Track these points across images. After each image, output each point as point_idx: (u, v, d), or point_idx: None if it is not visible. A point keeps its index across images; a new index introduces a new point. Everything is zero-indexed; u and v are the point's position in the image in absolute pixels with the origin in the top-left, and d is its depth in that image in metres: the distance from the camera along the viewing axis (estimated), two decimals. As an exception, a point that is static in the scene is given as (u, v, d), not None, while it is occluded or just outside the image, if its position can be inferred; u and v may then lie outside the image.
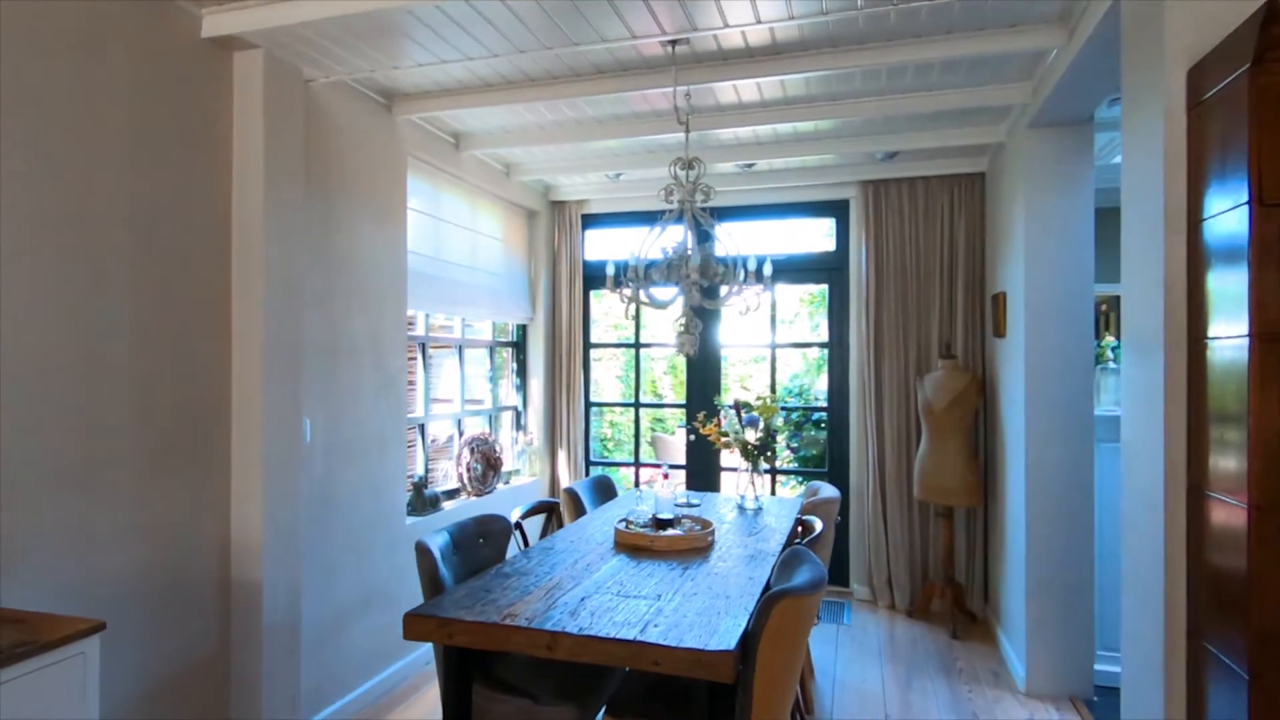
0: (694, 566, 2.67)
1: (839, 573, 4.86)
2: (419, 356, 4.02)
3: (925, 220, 4.57)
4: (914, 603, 4.52)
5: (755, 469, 3.75)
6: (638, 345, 5.40)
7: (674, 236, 3.07)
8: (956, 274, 4.49)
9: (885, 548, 4.59)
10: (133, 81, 2.31)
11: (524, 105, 3.43)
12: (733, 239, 3.17)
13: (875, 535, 4.59)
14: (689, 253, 2.97)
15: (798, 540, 2.74)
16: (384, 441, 3.42)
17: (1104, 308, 4.22)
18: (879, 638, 4.12)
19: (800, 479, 5.96)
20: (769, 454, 3.74)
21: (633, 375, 5.71)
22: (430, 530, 2.82)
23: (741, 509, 3.71)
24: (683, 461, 5.26)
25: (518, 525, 2.97)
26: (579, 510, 3.62)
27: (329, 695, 3.06)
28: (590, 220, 5.30)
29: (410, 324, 4.01)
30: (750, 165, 4.58)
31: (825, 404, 5.00)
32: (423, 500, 3.78)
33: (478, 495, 4.29)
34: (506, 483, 4.81)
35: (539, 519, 3.37)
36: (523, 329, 5.19)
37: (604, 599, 2.27)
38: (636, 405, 5.36)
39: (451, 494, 4.24)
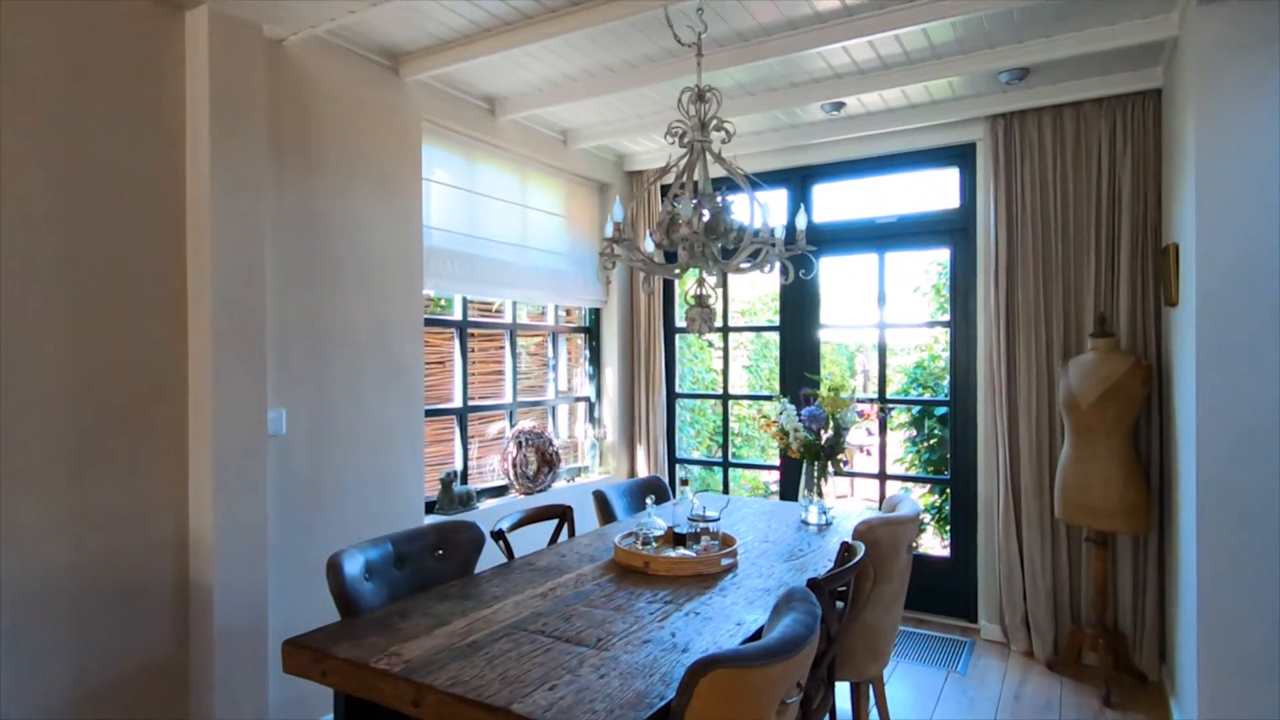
0: (683, 600, 2.10)
1: (963, 604, 3.95)
2: (456, 342, 3.74)
3: (1075, 159, 3.52)
4: (1058, 651, 3.52)
5: (821, 474, 3.04)
6: (726, 329, 4.78)
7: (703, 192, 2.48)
8: (1119, 225, 3.41)
9: (1021, 579, 3.62)
10: (66, 44, 2.17)
11: (546, 46, 2.99)
12: (761, 199, 2.51)
13: (1008, 562, 3.64)
14: (697, 206, 2.37)
15: (820, 574, 2.05)
16: (392, 434, 3.15)
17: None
18: (1000, 695, 3.22)
19: (934, 487, 5.01)
20: (836, 457, 3.01)
21: (754, 361, 5.08)
22: None
23: (805, 523, 3.03)
24: (777, 462, 4.57)
25: (499, 535, 2.55)
26: (608, 516, 3.14)
27: (314, 709, 2.84)
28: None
29: (442, 308, 3.73)
30: (839, 106, 3.80)
31: (947, 396, 4.08)
32: (451, 498, 3.48)
33: (526, 493, 3.94)
34: (572, 479, 4.42)
35: (545, 526, 2.93)
36: (595, 313, 4.77)
37: (529, 640, 1.78)
38: (725, 397, 4.74)
39: (499, 491, 3.93)
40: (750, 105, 3.74)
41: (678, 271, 2.51)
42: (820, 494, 3.05)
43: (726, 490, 4.78)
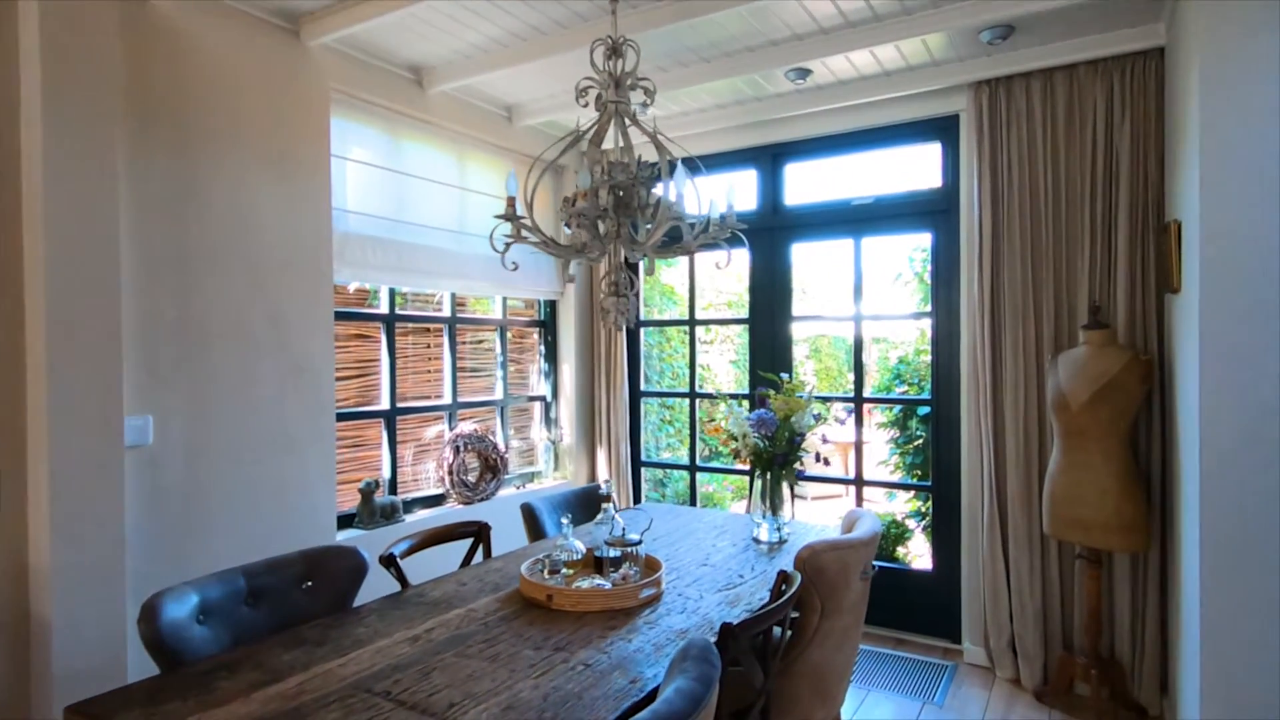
0: (580, 645, 1.75)
1: (946, 623, 3.59)
2: (383, 337, 3.40)
3: (1067, 129, 3.13)
4: (1048, 680, 3.16)
5: (775, 485, 2.69)
6: (692, 322, 4.42)
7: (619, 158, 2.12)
8: (1116, 203, 3.03)
9: (1007, 598, 3.26)
10: None
11: (464, 4, 2.65)
12: (690, 174, 2.16)
13: (993, 579, 3.28)
14: (606, 179, 2.01)
15: (740, 616, 1.69)
16: (295, 440, 2.82)
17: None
18: (980, 732, 2.87)
19: (918, 494, 4.63)
20: (789, 467, 2.65)
21: (740, 355, 4.73)
22: (383, 545, 2.19)
23: (755, 541, 2.68)
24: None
25: (390, 561, 2.21)
26: (537, 532, 2.80)
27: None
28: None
29: (364, 299, 3.39)
30: (805, 73, 3.42)
31: (929, 395, 3.71)
32: (372, 510, 3.15)
33: (466, 503, 3.60)
34: (522, 486, 4.08)
35: (461, 546, 2.59)
36: (551, 306, 4.42)
37: (365, 707, 1.44)
38: (692, 395, 4.39)
39: (436, 500, 3.59)
40: (706, 73, 3.37)
41: (594, 256, 2.16)
42: (775, 508, 2.70)
43: (693, 497, 4.43)
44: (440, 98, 3.49)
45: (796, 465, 2.70)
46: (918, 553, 4.75)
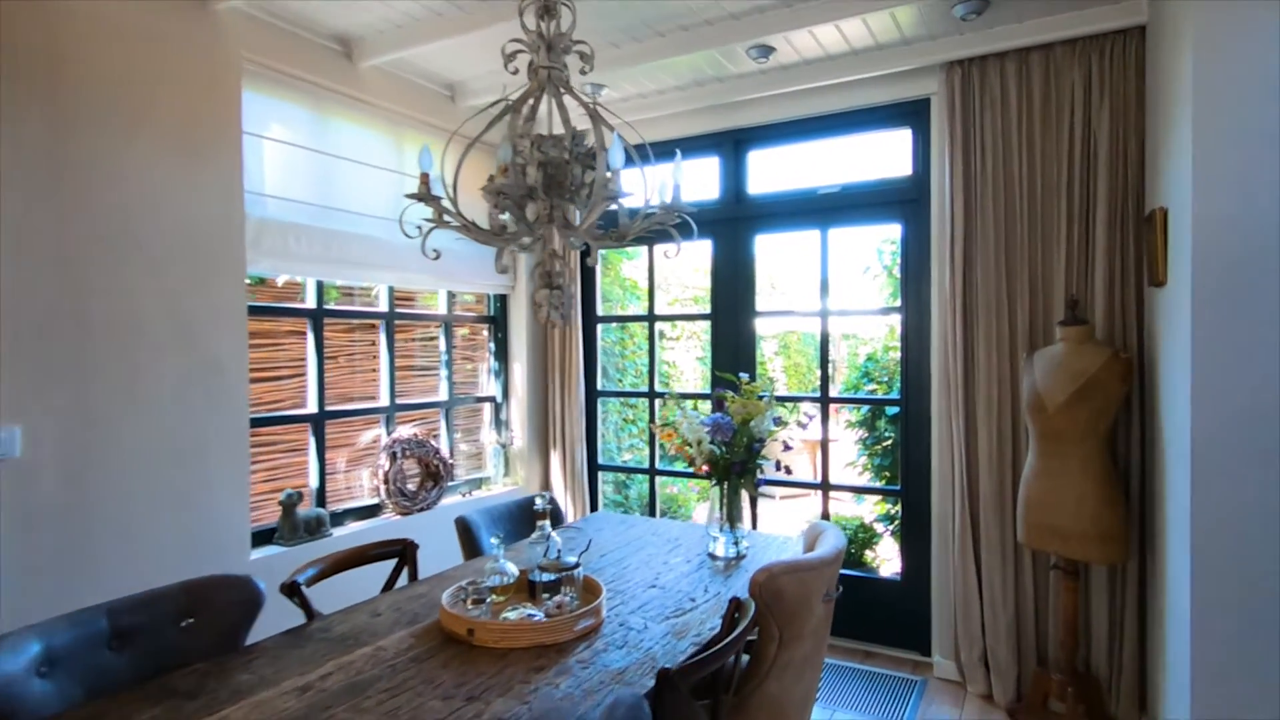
0: (497, 694, 1.51)
1: (915, 635, 3.41)
2: (310, 334, 3.11)
3: (1044, 113, 2.95)
4: (1021, 696, 2.99)
5: (732, 495, 2.47)
6: (651, 318, 4.19)
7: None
8: (1094, 190, 2.85)
9: (979, 609, 3.08)
10: None
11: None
12: (641, 162, 1.93)
13: (965, 589, 3.10)
14: (535, 154, 1.76)
15: (687, 650, 1.47)
16: (200, 449, 2.53)
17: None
18: (952, 756, 2.68)
19: (886, 497, 4.46)
20: (748, 475, 2.43)
21: (708, 351, 4.49)
22: (295, 565, 1.90)
23: (711, 557, 2.46)
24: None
25: (293, 590, 1.95)
26: (472, 549, 2.55)
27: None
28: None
29: (297, 293, 3.10)
30: (768, 51, 3.20)
31: (899, 394, 3.53)
32: (294, 524, 2.87)
33: (404, 513, 3.34)
34: (469, 493, 3.82)
35: (383, 568, 2.32)
36: (502, 300, 4.16)
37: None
38: (651, 395, 4.15)
39: (371, 511, 3.32)
40: (662, 49, 3.13)
41: (526, 242, 1.91)
42: (733, 520, 2.48)
43: (653, 503, 4.20)
44: (373, 73, 3.20)
45: (758, 472, 2.48)
46: (886, 556, 4.59)
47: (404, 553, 2.29)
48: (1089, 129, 2.86)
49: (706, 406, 3.62)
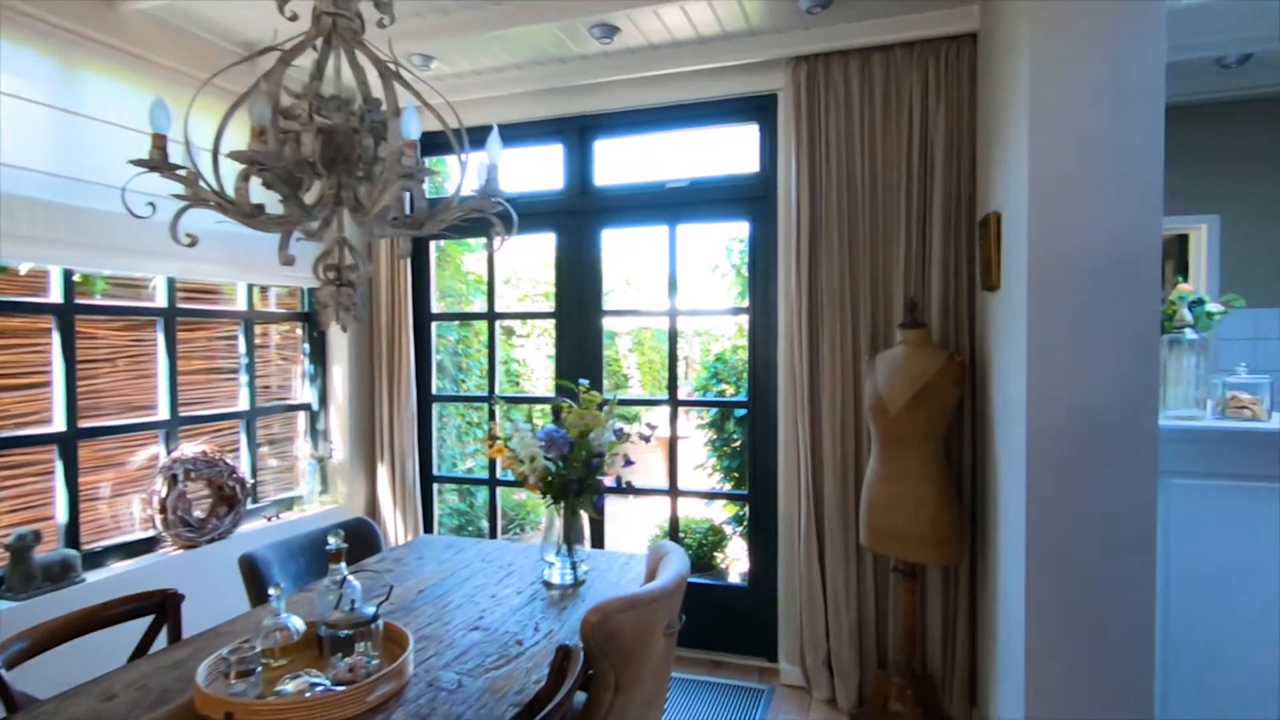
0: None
1: (762, 641, 3.34)
2: (55, 334, 2.54)
3: (885, 114, 2.94)
4: (863, 699, 2.99)
5: (570, 516, 2.23)
6: (491, 315, 3.87)
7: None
8: (931, 193, 2.87)
9: (824, 615, 3.05)
10: None
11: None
12: (470, 150, 1.63)
13: (810, 594, 3.05)
14: (312, 119, 1.42)
15: (508, 713, 1.22)
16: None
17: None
18: (798, 770, 2.61)
19: (735, 500, 4.41)
20: (586, 494, 2.20)
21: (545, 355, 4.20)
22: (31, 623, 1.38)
23: (547, 585, 2.21)
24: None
25: (-14, 672, 1.49)
26: (260, 594, 2.14)
27: None
28: (433, 134, 3.72)
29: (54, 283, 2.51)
30: (612, 31, 2.98)
31: (746, 396, 3.44)
32: (28, 572, 2.31)
33: (189, 546, 2.82)
34: (274, 517, 3.33)
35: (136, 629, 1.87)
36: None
37: None
38: (490, 399, 3.84)
39: (148, 545, 2.78)
40: (496, 19, 2.83)
41: (313, 227, 1.56)
42: (571, 542, 2.24)
43: (493, 518, 3.89)
44: (139, 19, 2.66)
45: (599, 489, 2.26)
46: (736, 557, 4.55)
47: (163, 606, 1.86)
48: (926, 132, 2.87)
49: (553, 410, 3.37)
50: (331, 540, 1.72)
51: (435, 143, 3.05)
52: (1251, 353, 3.29)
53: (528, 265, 7.45)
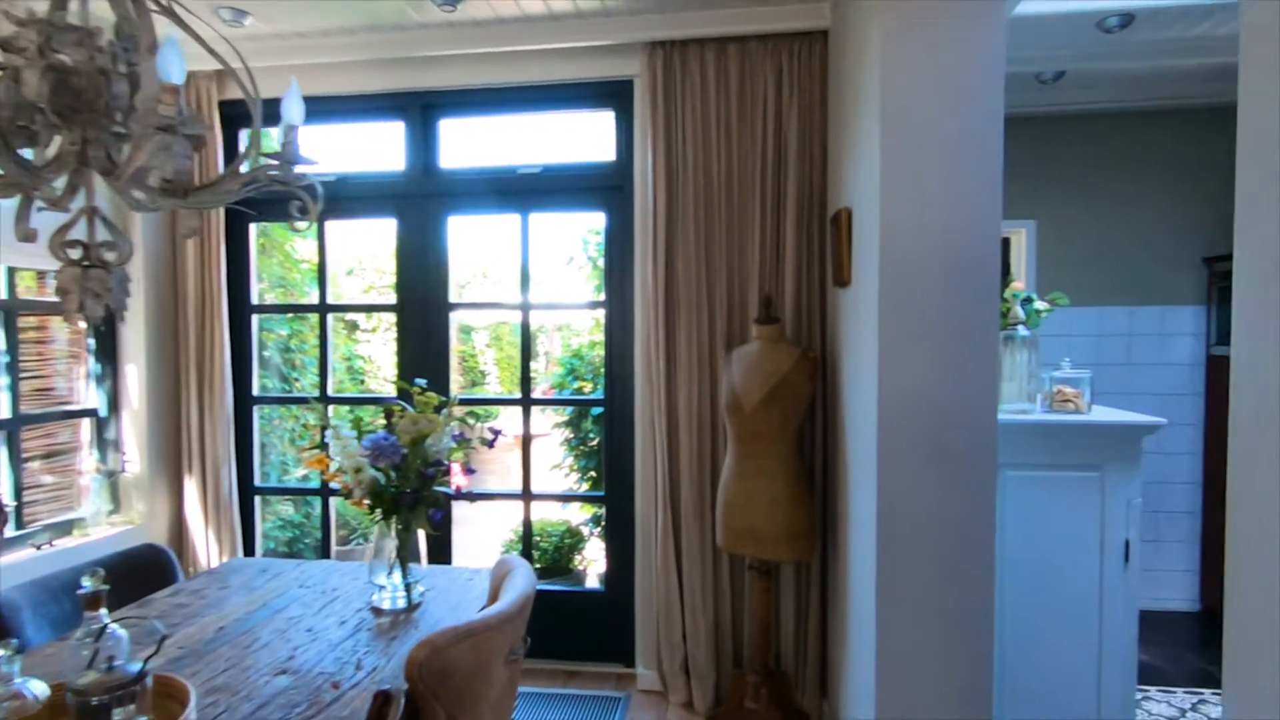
0: None
1: (619, 647, 3.23)
2: None
3: (740, 107, 2.90)
4: (720, 700, 2.95)
5: (402, 535, 1.99)
6: (324, 308, 3.49)
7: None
8: (785, 188, 2.87)
9: (681, 617, 2.98)
10: None
11: None
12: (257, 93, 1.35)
13: (667, 596, 2.97)
14: (39, 53, 1.11)
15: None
16: None
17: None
18: (655, 782, 2.51)
19: (594, 503, 4.28)
20: (420, 508, 1.97)
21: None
22: None
23: (376, 611, 1.96)
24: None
25: None
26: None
27: None
28: (232, 104, 3.27)
29: None
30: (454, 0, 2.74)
31: (602, 394, 3.32)
32: None
33: (-80, 586, 2.29)
34: (45, 545, 2.82)
35: None
36: (107, 280, 3.15)
37: None
38: (324, 399, 3.47)
39: None
40: (317, -27, 2.51)
41: (44, 191, 1.23)
42: (404, 561, 2.00)
43: (326, 532, 3.52)
44: None
45: (438, 500, 2.03)
46: (594, 557, 4.43)
47: None
48: (781, 127, 2.86)
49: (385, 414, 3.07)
50: (87, 582, 1.39)
51: (244, 113, 2.67)
52: (1066, 349, 3.57)
53: (374, 254, 6.94)
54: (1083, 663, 2.11)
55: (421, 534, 2.07)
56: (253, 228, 3.47)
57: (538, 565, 4.04)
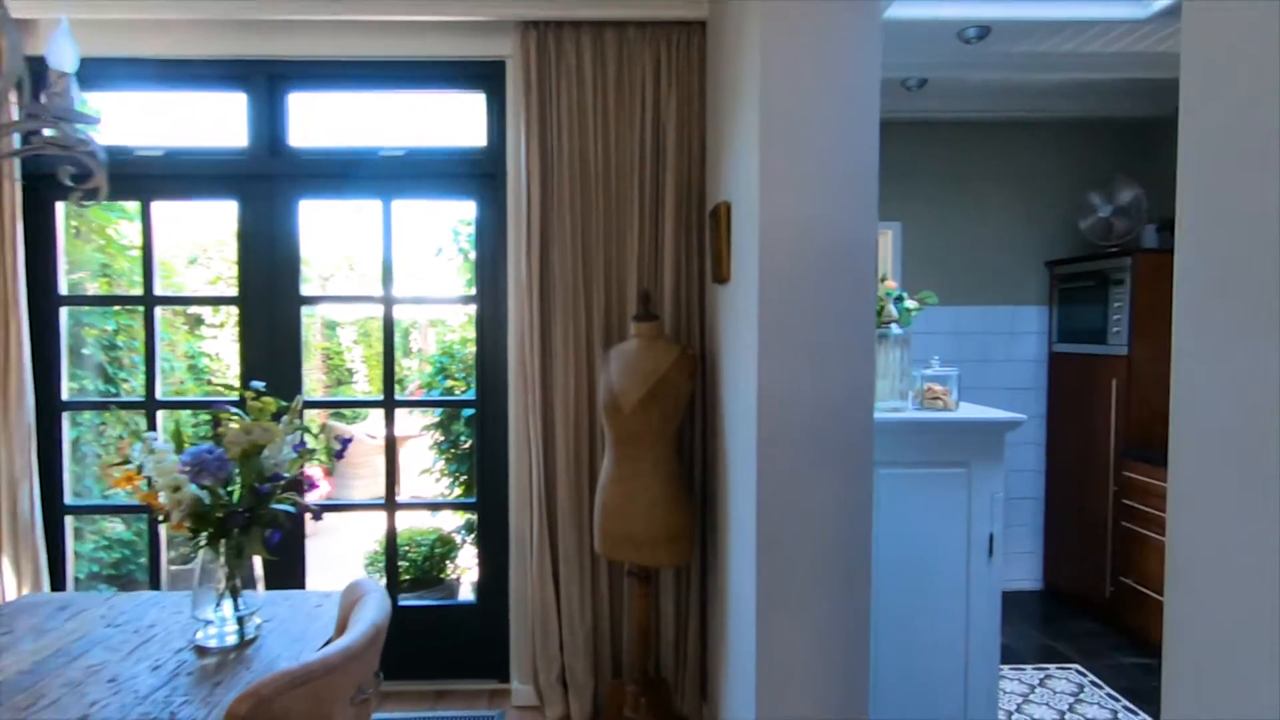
0: None
1: (493, 661, 3.06)
2: None
3: (618, 94, 2.79)
4: (598, 712, 2.85)
5: (232, 560, 1.73)
6: (149, 300, 3.07)
7: None
8: (663, 180, 2.79)
9: (557, 628, 2.84)
10: None
11: None
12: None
13: (543, 606, 2.83)
14: None
15: None
16: None
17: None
18: (530, 807, 2.37)
19: (466, 510, 4.05)
20: (254, 529, 1.73)
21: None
22: None
23: (200, 650, 1.69)
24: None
25: None
26: None
27: None
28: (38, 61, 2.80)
29: None
30: (301, -42, 2.46)
31: (474, 394, 3.12)
32: None
33: None
34: None
35: None
36: None
37: None
38: (150, 404, 3.05)
39: None
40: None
41: None
42: (235, 592, 1.74)
43: (154, 552, 3.10)
44: None
45: (276, 520, 1.78)
46: (467, 565, 4.20)
47: None
48: (659, 117, 2.78)
49: (212, 422, 2.74)
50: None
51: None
52: (928, 346, 3.72)
53: (221, 241, 6.31)
54: (951, 657, 2.17)
55: (258, 560, 1.82)
56: (59, 206, 3.00)
57: (406, 577, 3.77)
